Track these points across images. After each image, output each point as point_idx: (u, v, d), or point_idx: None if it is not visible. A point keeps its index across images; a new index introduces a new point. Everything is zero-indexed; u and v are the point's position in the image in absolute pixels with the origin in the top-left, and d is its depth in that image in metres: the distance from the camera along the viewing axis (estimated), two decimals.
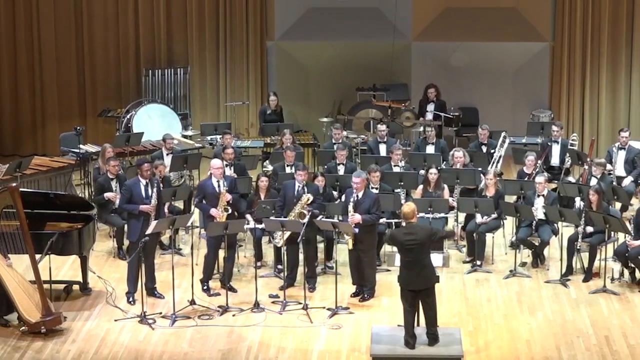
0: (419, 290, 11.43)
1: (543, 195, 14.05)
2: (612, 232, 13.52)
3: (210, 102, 19.72)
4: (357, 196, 12.94)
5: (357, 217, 12.79)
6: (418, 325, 11.59)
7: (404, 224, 11.80)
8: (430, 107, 18.40)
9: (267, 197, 13.93)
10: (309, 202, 13.14)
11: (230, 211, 13.26)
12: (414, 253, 11.37)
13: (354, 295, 13.07)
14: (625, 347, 11.73)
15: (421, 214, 13.46)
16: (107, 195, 13.01)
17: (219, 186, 13.21)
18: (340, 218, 13.25)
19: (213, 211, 13.10)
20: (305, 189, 13.25)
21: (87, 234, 13.18)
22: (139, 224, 12.93)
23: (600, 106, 19.10)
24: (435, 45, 19.44)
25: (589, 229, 13.45)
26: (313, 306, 12.73)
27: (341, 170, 15.00)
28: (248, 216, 13.89)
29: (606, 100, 19.07)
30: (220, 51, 19.53)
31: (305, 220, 12.90)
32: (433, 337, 11.49)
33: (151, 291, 13.04)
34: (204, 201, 13.22)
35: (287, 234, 12.99)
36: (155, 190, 13.07)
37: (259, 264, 13.71)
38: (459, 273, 13.88)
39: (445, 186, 14.58)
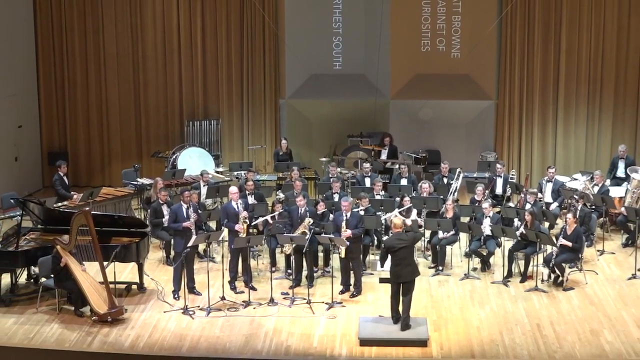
0: (404, 282, 11.50)
1: (489, 217, 14.09)
2: (542, 245, 13.54)
3: (237, 145, 19.73)
4: (347, 216, 13.05)
5: (348, 232, 12.87)
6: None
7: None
8: (385, 151, 18.36)
9: (280, 217, 14.02)
10: (310, 223, 13.25)
11: (249, 223, 13.32)
12: (402, 253, 11.44)
13: (341, 292, 13.06)
14: (552, 332, 11.77)
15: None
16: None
17: (237, 207, 13.31)
18: (333, 233, 13.31)
19: (237, 226, 13.14)
20: (308, 213, 13.38)
21: (142, 246, 13.22)
22: (182, 239, 12.98)
23: (533, 149, 19.12)
24: (408, 102, 19.43)
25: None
26: (315, 301, 12.73)
27: (336, 197, 15.01)
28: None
29: (537, 144, 19.10)
30: (244, 107, 19.56)
31: (309, 236, 13.00)
32: (405, 325, 11.55)
33: (191, 289, 13.05)
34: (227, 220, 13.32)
35: (294, 245, 13.10)
36: (192, 210, 13.15)
37: (273, 269, 13.66)
38: (426, 276, 13.82)
39: (415, 209, 14.65)
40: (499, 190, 16.24)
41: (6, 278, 13.01)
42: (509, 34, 18.79)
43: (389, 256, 11.73)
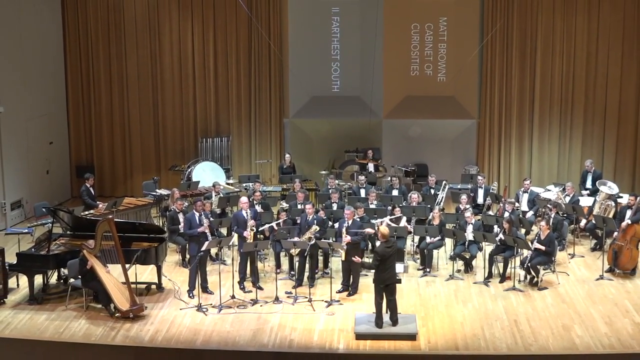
0: (386, 285, 11.50)
1: (471, 224, 14.13)
2: (519, 249, 13.55)
3: (245, 160, 19.73)
4: (348, 223, 13.09)
5: (348, 238, 12.92)
6: (387, 312, 11.70)
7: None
8: (371, 165, 18.38)
9: (284, 224, 14.06)
10: (317, 230, 13.29)
11: (255, 230, 13.35)
12: (390, 259, 11.46)
13: (339, 292, 13.09)
14: (528, 327, 11.81)
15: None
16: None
17: (246, 215, 13.35)
18: (334, 239, 13.34)
19: (245, 233, 13.21)
20: (315, 221, 13.41)
21: (161, 250, 13.25)
22: (196, 244, 13.02)
23: (511, 163, 19.13)
24: (399, 121, 19.42)
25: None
26: (315, 299, 12.77)
27: (334, 206, 15.05)
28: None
29: (515, 159, 19.12)
30: (252, 125, 19.58)
31: (311, 242, 13.03)
32: (395, 321, 11.57)
33: (205, 289, 13.07)
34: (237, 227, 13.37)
35: (299, 249, 13.14)
36: (204, 218, 13.20)
37: (278, 270, 13.69)
38: (415, 277, 13.89)
39: (404, 217, 14.69)
40: (480, 200, 16.27)
41: (39, 279, 13.09)
42: (489, 59, 18.86)
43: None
